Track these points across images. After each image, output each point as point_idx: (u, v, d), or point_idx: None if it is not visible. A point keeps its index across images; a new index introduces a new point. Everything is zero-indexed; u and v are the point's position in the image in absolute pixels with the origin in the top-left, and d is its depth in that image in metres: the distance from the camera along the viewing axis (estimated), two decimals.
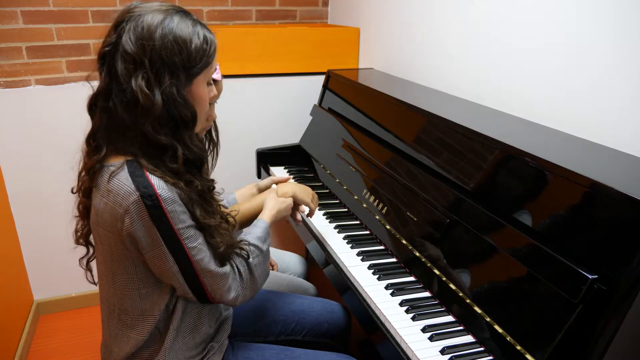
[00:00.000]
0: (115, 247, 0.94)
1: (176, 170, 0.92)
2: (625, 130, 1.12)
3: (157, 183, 0.89)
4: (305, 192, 1.34)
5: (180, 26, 0.90)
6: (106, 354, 1.08)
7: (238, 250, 1.04)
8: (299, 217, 1.33)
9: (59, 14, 1.97)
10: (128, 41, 0.87)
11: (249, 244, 1.08)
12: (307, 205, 1.34)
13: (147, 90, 0.87)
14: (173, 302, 1.02)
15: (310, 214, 1.39)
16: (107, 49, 0.89)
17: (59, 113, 2.01)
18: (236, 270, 1.03)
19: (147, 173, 0.89)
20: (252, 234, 1.11)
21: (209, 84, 1.00)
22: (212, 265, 0.97)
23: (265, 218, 1.18)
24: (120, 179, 0.89)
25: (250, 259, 1.06)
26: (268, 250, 1.12)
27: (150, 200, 0.87)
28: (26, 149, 2.02)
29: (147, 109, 0.87)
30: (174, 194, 0.90)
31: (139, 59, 0.87)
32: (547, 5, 1.28)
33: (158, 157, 0.92)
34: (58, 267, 2.19)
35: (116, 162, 0.92)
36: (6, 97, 1.95)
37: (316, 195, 1.38)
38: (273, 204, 1.23)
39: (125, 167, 0.90)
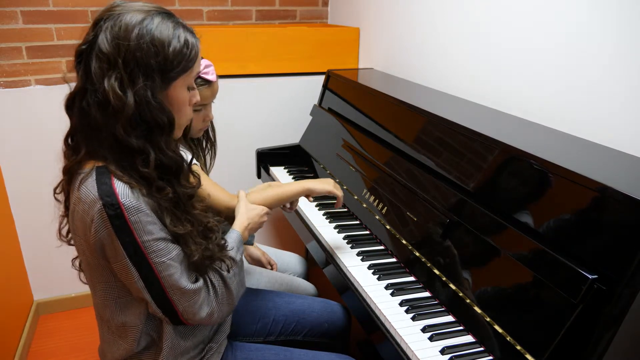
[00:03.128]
0: (91, 255, 0.92)
1: (147, 174, 0.88)
2: (625, 130, 1.12)
3: (122, 191, 0.85)
4: (323, 182, 1.29)
5: (159, 28, 0.87)
6: (101, 356, 1.08)
7: (218, 264, 1.00)
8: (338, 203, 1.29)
9: (59, 14, 1.98)
10: (104, 40, 0.85)
11: (225, 256, 1.03)
12: (331, 193, 1.28)
13: (119, 91, 0.84)
14: None
15: (338, 203, 1.31)
16: (83, 47, 0.87)
17: (59, 113, 2.00)
18: (209, 284, 0.98)
19: (114, 180, 0.86)
20: (227, 244, 1.05)
21: (191, 88, 0.96)
22: (183, 282, 0.92)
23: (237, 227, 1.12)
24: (87, 186, 0.87)
25: (225, 272, 1.01)
26: (242, 261, 1.08)
27: (112, 210, 0.84)
28: (26, 149, 2.02)
29: (118, 110, 0.84)
30: (139, 202, 0.86)
31: (112, 59, 0.84)
32: (547, 6, 1.28)
33: (128, 160, 0.88)
34: (58, 267, 2.19)
35: (87, 168, 0.89)
36: (6, 97, 1.95)
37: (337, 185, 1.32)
38: (243, 211, 1.16)
39: (94, 173, 0.87)
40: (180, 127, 0.97)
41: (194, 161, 1.25)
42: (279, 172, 1.92)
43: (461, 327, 1.05)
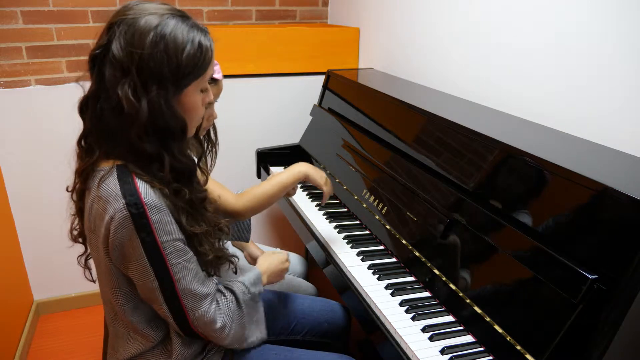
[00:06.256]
0: (102, 256, 0.92)
1: (163, 177, 0.90)
2: (625, 130, 1.12)
3: (144, 190, 0.87)
4: (318, 173, 1.33)
5: (174, 32, 0.86)
6: (112, 352, 1.07)
7: (230, 259, 1.04)
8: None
9: (59, 14, 1.97)
10: (117, 47, 0.84)
11: (239, 281, 1.07)
12: (319, 187, 1.33)
13: (132, 99, 0.84)
14: None
15: (324, 198, 1.36)
16: (97, 52, 0.87)
17: (58, 113, 2.01)
18: (221, 293, 1.01)
19: (136, 179, 0.88)
20: (244, 277, 1.09)
21: (204, 90, 0.96)
22: (195, 284, 0.94)
23: (260, 268, 1.17)
24: (108, 184, 0.87)
25: (237, 290, 1.04)
26: (258, 296, 1.09)
27: (135, 209, 0.85)
28: (26, 149, 2.02)
29: (132, 118, 0.85)
30: (161, 202, 0.88)
31: (126, 67, 0.84)
32: (547, 6, 1.28)
33: (146, 163, 0.90)
34: (58, 267, 2.19)
35: (106, 166, 0.90)
36: (6, 97, 1.95)
37: (329, 180, 1.36)
38: (266, 266, 1.21)
39: (115, 172, 0.89)
40: (194, 127, 0.98)
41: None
42: None
43: (461, 327, 1.05)
